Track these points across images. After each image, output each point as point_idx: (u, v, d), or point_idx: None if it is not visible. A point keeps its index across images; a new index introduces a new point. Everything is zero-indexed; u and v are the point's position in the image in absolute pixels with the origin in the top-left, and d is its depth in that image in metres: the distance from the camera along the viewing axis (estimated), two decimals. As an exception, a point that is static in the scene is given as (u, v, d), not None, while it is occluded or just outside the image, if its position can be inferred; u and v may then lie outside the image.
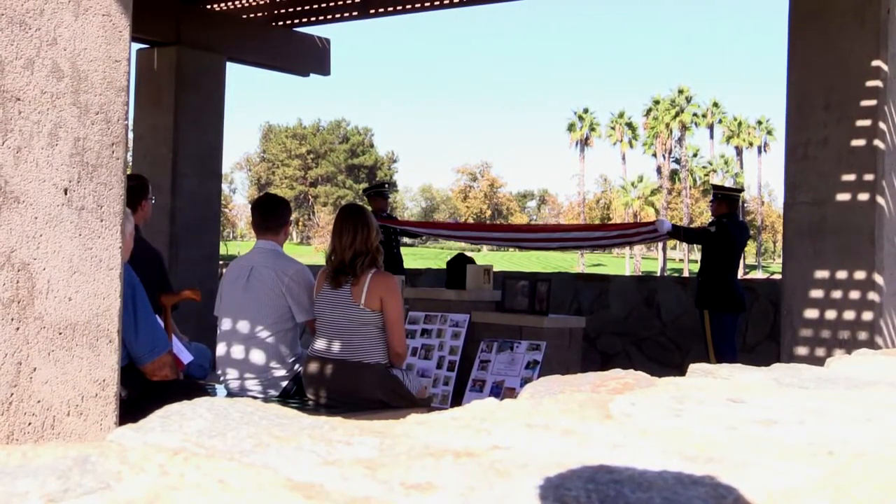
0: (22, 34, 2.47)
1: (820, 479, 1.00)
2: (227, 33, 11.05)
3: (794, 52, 7.00)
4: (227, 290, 5.65)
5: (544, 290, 7.67)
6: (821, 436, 1.19)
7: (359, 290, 5.30)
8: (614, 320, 10.46)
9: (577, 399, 1.36)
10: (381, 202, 11.29)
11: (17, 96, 2.45)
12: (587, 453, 1.07)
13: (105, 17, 2.67)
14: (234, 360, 5.51)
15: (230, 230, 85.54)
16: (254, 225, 5.78)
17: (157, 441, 1.04)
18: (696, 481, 0.96)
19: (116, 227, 2.69)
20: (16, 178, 2.45)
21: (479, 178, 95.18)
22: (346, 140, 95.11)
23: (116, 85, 2.70)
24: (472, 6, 10.76)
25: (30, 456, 0.92)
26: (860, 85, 6.65)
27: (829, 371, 1.85)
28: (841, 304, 6.73)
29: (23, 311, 2.47)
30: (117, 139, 2.70)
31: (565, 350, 7.51)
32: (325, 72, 12.15)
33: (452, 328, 7.99)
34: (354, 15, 11.06)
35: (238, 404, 1.19)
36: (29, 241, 2.48)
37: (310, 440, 1.05)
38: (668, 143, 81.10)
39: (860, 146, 6.65)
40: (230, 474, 0.91)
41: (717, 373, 1.74)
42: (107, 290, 2.67)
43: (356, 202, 7.25)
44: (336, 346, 5.36)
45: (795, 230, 6.96)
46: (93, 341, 2.63)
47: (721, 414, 1.31)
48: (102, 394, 2.66)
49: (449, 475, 0.96)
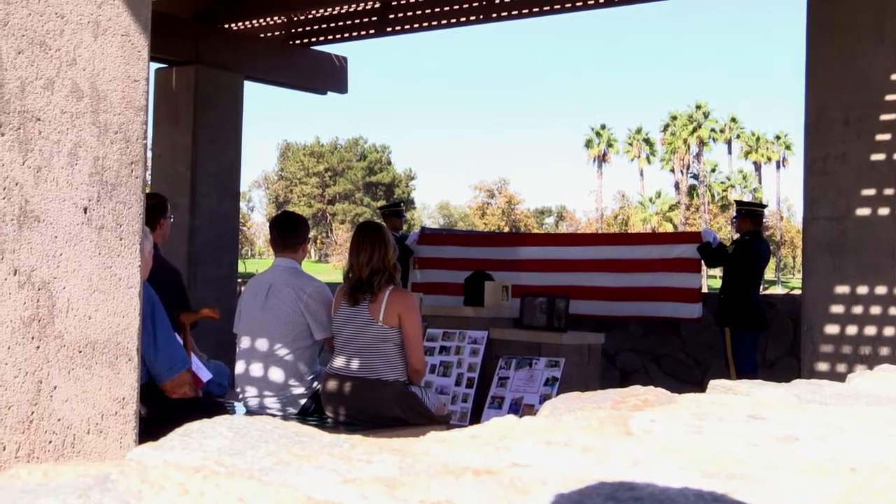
0: (42, 55, 2.49)
1: (841, 495, 0.99)
2: (244, 52, 11.11)
3: (812, 67, 6.98)
4: (245, 307, 5.66)
5: (563, 307, 7.65)
6: (842, 452, 1.19)
7: (377, 307, 5.30)
8: (633, 337, 10.42)
9: (597, 416, 1.35)
10: (396, 221, 11.28)
11: (37, 116, 2.47)
12: (607, 470, 1.07)
13: (124, 38, 2.69)
14: (252, 378, 5.51)
15: (248, 248, 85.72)
16: (272, 243, 5.78)
17: (177, 459, 1.04)
18: (717, 498, 0.95)
19: (136, 245, 2.70)
20: (36, 198, 2.46)
21: (496, 195, 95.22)
22: (363, 158, 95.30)
23: (135, 104, 2.71)
24: (488, 23, 10.78)
25: (50, 475, 0.92)
26: (879, 99, 6.62)
27: (850, 387, 1.84)
28: (862, 319, 6.69)
29: (43, 330, 2.48)
30: (136, 158, 2.71)
31: (584, 367, 7.49)
32: (342, 90, 12.19)
33: (471, 345, 7.98)
34: (371, 33, 11.10)
35: (257, 422, 1.19)
36: (49, 260, 2.49)
37: (329, 458, 1.05)
38: (685, 158, 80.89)
39: (880, 161, 6.62)
40: (250, 492, 0.91)
41: (738, 389, 1.73)
42: (126, 309, 2.68)
43: (374, 220, 7.25)
44: (354, 364, 5.36)
45: (815, 245, 6.93)
46: (112, 359, 2.64)
47: (741, 430, 1.30)
48: (122, 412, 2.67)
49: (469, 493, 0.96)
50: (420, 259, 11.05)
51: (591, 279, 9.96)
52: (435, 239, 11.70)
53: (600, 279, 9.92)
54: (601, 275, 9.94)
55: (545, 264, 10.29)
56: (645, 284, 9.64)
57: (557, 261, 10.28)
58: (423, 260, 11.07)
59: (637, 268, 9.74)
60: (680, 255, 9.49)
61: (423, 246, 11.17)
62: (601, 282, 9.90)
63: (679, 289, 9.48)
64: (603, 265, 10.02)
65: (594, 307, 9.77)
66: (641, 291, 9.69)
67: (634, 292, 9.73)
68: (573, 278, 9.98)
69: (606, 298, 9.82)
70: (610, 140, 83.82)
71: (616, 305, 9.83)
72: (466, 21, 10.48)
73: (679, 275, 9.48)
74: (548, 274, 10.10)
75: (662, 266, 9.59)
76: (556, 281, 9.75)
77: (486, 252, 10.76)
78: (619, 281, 9.79)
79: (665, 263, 9.58)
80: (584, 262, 10.14)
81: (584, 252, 10.35)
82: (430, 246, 11.18)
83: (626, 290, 9.77)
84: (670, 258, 9.53)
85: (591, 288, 9.85)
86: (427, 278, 10.90)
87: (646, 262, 9.71)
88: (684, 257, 9.47)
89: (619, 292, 9.80)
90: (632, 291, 9.75)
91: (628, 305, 9.77)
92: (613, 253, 10.10)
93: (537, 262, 10.34)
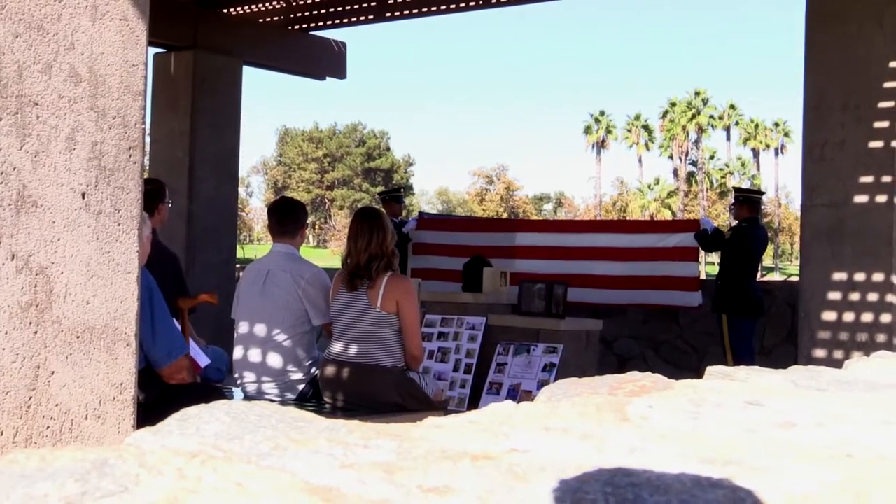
0: (40, 39, 2.48)
1: (839, 482, 0.99)
2: (243, 37, 11.08)
3: (811, 54, 6.97)
4: (244, 293, 5.66)
5: (561, 293, 7.65)
6: (839, 439, 1.19)
7: (375, 293, 5.30)
8: (631, 323, 10.43)
9: (595, 402, 1.36)
10: (395, 207, 11.29)
11: (35, 101, 2.47)
12: (605, 456, 1.07)
13: (122, 22, 2.68)
14: (251, 364, 5.52)
15: (247, 234, 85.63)
16: (270, 228, 5.78)
17: (174, 444, 1.04)
18: (714, 484, 0.95)
19: (134, 230, 2.70)
20: (34, 183, 2.46)
21: (495, 181, 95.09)
22: (362, 143, 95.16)
23: (133, 89, 2.71)
24: (487, 9, 10.76)
25: (48, 459, 0.92)
26: (878, 86, 6.62)
27: (847, 373, 1.84)
28: (859, 306, 6.70)
29: (41, 315, 2.48)
30: (134, 143, 2.71)
31: (582, 353, 7.49)
32: (341, 75, 12.16)
33: (469, 331, 7.98)
34: (370, 18, 11.08)
35: (255, 407, 1.19)
36: (47, 245, 2.49)
37: (327, 443, 1.05)
38: (684, 145, 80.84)
39: (878, 148, 6.62)
40: (248, 477, 0.91)
41: (735, 375, 1.73)
42: (124, 294, 2.68)
43: (372, 205, 7.24)
44: (352, 350, 5.36)
45: (813, 232, 6.94)
46: (110, 345, 2.64)
47: (739, 417, 1.31)
48: (120, 397, 2.67)
49: (466, 479, 0.96)
50: (417, 245, 11.03)
51: (589, 267, 9.93)
52: (433, 224, 11.67)
53: (599, 267, 9.90)
54: (599, 263, 9.92)
55: (543, 251, 10.25)
56: (644, 273, 9.63)
57: (556, 248, 10.24)
58: (420, 245, 11.05)
59: (635, 256, 9.72)
60: (678, 244, 9.48)
61: (422, 231, 11.16)
62: (600, 270, 9.88)
63: (678, 277, 9.48)
64: (601, 253, 9.99)
65: (593, 295, 9.76)
66: (640, 280, 9.68)
67: (633, 281, 9.72)
68: (571, 266, 9.95)
69: (605, 287, 9.81)
70: (609, 126, 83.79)
71: (615, 294, 9.82)
72: (466, 7, 10.46)
73: (678, 263, 9.49)
74: (546, 261, 10.07)
75: (661, 255, 9.58)
76: (555, 269, 9.73)
77: (484, 238, 10.71)
78: (618, 269, 9.77)
79: (663, 252, 9.57)
80: (583, 250, 10.09)
81: (582, 240, 10.29)
82: (428, 231, 11.16)
83: (624, 278, 9.76)
84: (668, 247, 9.52)
85: (590, 276, 9.83)
86: (424, 264, 10.89)
87: (644, 250, 9.68)
88: (682, 246, 9.47)
89: (618, 281, 9.78)
90: (630, 280, 9.74)
91: (627, 294, 9.76)
92: (611, 241, 10.06)
93: (535, 250, 10.30)
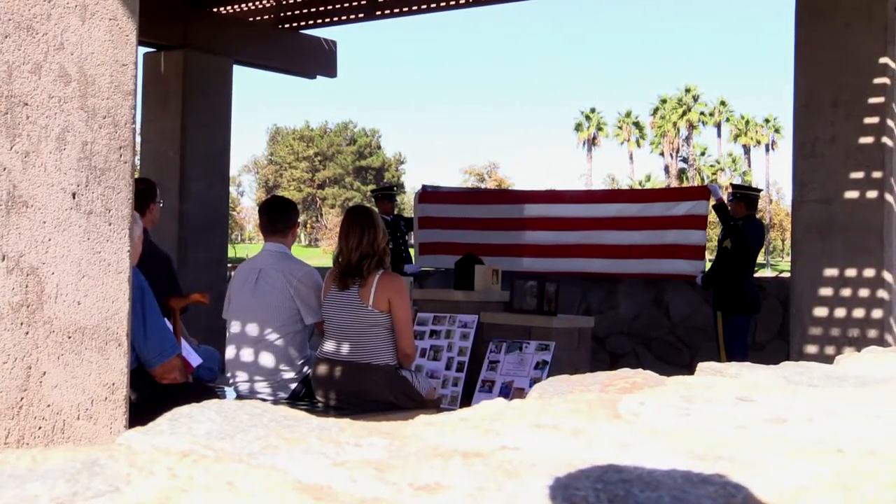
0: (29, 39, 2.48)
1: (829, 477, 0.99)
2: (233, 36, 11.06)
3: (801, 50, 6.99)
4: (235, 292, 5.66)
5: (553, 291, 7.65)
6: (830, 434, 1.19)
7: (366, 291, 5.30)
8: (623, 320, 10.45)
9: (586, 399, 1.36)
10: (388, 205, 11.29)
11: (24, 101, 2.46)
12: (596, 453, 1.07)
13: (112, 21, 2.68)
14: (243, 363, 5.51)
15: (238, 233, 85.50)
16: (262, 227, 5.78)
17: (166, 444, 1.04)
18: (706, 480, 0.96)
19: (125, 230, 2.70)
20: (24, 183, 2.45)
21: (486, 179, 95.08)
22: (353, 142, 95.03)
23: (124, 89, 2.70)
24: (478, 7, 10.76)
25: (39, 459, 0.92)
26: (868, 82, 6.64)
27: (838, 369, 1.85)
28: (850, 301, 6.72)
29: (32, 316, 2.47)
30: (125, 143, 2.70)
31: (574, 350, 7.50)
32: (331, 74, 12.15)
33: (461, 329, 7.98)
34: (361, 17, 11.07)
35: (247, 406, 1.19)
36: (38, 246, 2.48)
37: (318, 442, 1.05)
38: (675, 141, 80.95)
39: (868, 143, 6.64)
40: (239, 476, 0.91)
41: (726, 371, 1.73)
42: (116, 294, 2.67)
43: (364, 204, 7.24)
44: (345, 348, 5.36)
45: (804, 228, 6.95)
46: (102, 345, 2.64)
47: (730, 413, 1.31)
48: (112, 397, 2.66)
49: (458, 476, 0.96)
50: (423, 219, 11.04)
51: (599, 237, 10.00)
52: (439, 197, 11.61)
53: (609, 237, 9.96)
54: (609, 233, 9.98)
55: (552, 222, 10.29)
56: (653, 242, 9.71)
57: (565, 219, 10.27)
58: (426, 220, 11.05)
59: (645, 225, 9.80)
60: (687, 211, 9.56)
61: (425, 205, 11.17)
62: (610, 240, 9.94)
63: (685, 246, 9.57)
64: (611, 223, 10.04)
65: (603, 265, 9.87)
66: (649, 249, 9.76)
67: (643, 250, 9.80)
68: (581, 236, 10.04)
69: (615, 256, 9.88)
70: (600, 123, 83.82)
71: (625, 263, 9.91)
72: (456, 5, 10.46)
73: (686, 231, 9.57)
74: (555, 232, 10.13)
75: (670, 223, 9.67)
76: (563, 240, 9.83)
77: (493, 210, 10.71)
78: (628, 239, 9.84)
79: (673, 221, 9.66)
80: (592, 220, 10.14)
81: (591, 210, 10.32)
82: (431, 204, 11.16)
83: (634, 247, 9.83)
84: (678, 215, 9.59)
85: (600, 246, 9.92)
86: (432, 238, 10.89)
87: (654, 219, 9.77)
88: (691, 214, 9.54)
89: (628, 249, 9.85)
90: (640, 249, 9.81)
91: (637, 263, 9.84)
92: (621, 210, 10.12)
93: (544, 221, 10.34)
